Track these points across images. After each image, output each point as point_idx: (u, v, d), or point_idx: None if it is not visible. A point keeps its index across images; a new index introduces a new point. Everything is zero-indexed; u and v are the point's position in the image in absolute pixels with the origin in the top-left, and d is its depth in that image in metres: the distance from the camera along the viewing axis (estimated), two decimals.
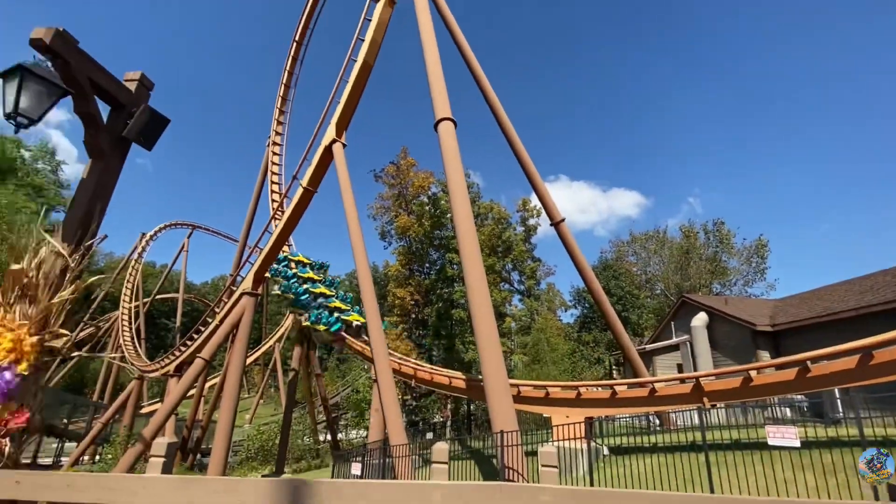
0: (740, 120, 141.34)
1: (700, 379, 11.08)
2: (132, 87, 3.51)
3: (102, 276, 45.38)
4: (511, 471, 8.40)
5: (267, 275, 27.18)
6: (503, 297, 35.58)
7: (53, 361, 2.98)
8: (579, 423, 10.44)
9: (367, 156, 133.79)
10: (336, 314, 23.79)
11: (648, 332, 35.01)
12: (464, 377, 17.90)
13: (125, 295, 47.97)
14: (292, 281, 26.20)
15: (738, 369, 11.07)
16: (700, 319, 21.24)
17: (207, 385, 33.97)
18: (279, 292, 27.88)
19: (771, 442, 7.19)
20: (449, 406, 32.69)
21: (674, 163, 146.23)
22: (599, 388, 13.64)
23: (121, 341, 43.81)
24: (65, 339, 2.96)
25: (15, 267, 2.68)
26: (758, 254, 43.22)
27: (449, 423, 30.55)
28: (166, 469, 2.39)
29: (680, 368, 22.03)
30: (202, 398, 32.13)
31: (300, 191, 19.99)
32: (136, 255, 51.76)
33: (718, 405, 11.62)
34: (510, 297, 38.28)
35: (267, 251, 20.97)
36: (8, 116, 2.81)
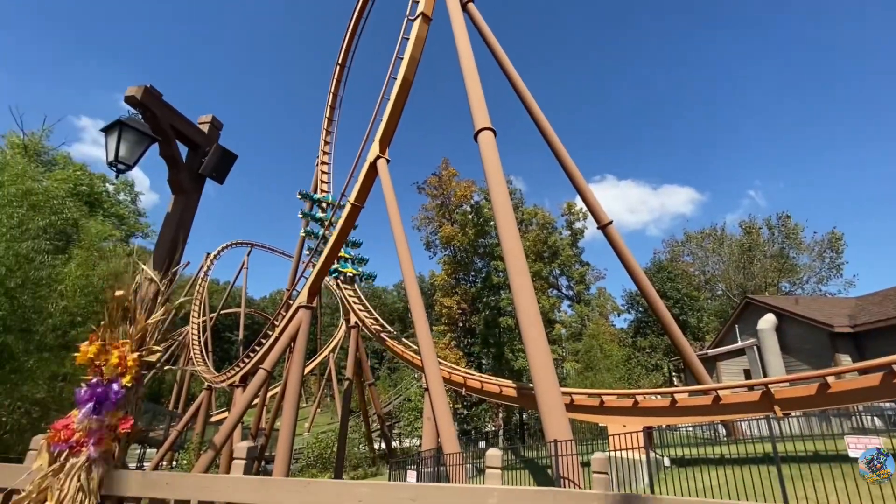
0: (807, 98, 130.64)
1: (769, 385, 10.39)
2: (205, 128, 3.97)
3: (189, 298, 49.21)
4: (566, 480, 8.28)
5: (299, 215, 28.46)
6: (551, 304, 34.92)
7: (149, 374, 3.39)
8: (637, 432, 10.09)
9: (409, 168, 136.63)
10: (335, 265, 25.12)
11: (710, 337, 33.04)
12: (515, 386, 17.76)
13: (194, 311, 51.76)
14: (317, 224, 27.71)
15: (814, 375, 10.29)
16: (767, 321, 19.84)
17: (269, 395, 35.72)
18: (302, 234, 28.95)
19: (852, 454, 6.64)
20: (501, 415, 32.40)
21: (730, 154, 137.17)
22: (658, 396, 13.10)
23: (191, 354, 47.21)
24: (158, 354, 3.37)
25: (119, 293, 3.10)
26: (832, 248, 39.68)
27: (501, 432, 30.27)
28: (247, 470, 2.67)
29: (747, 374, 20.61)
30: (264, 407, 33.81)
31: (348, 206, 20.83)
32: (202, 274, 55.66)
33: (793, 414, 10.82)
34: (559, 304, 37.51)
35: (319, 266, 21.94)
36: (110, 164, 3.32)
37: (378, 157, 19.70)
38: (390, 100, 19.65)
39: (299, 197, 29.60)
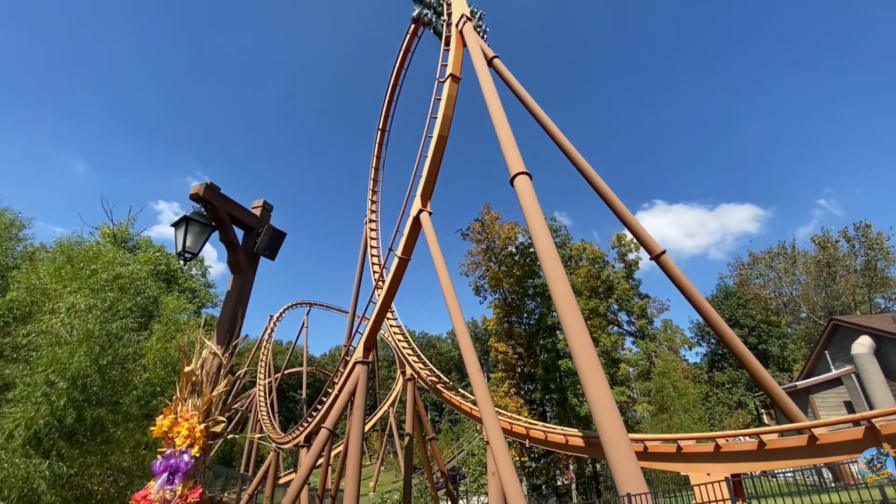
0: (877, 94, 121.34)
1: (873, 420, 9.14)
2: (257, 212, 4.48)
3: (250, 368, 51.93)
4: None
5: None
6: (613, 341, 33.14)
7: (216, 443, 3.65)
8: (721, 481, 9.12)
9: (453, 215, 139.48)
10: None
11: (798, 366, 29.72)
12: (581, 434, 16.73)
13: (260, 373, 54.02)
14: None
15: None
16: (863, 345, 17.65)
17: (333, 454, 35.73)
18: None
19: None
20: (572, 466, 30.28)
21: (792, 163, 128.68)
22: (743, 439, 11.83)
23: (259, 416, 48.66)
24: (223, 424, 3.64)
25: (187, 369, 3.45)
26: None
27: (574, 485, 28.12)
28: None
29: (849, 407, 18.16)
30: (329, 467, 33.75)
31: (396, 260, 21.50)
32: (266, 336, 58.39)
33: None
34: (622, 341, 35.52)
35: (373, 320, 22.47)
36: (179, 254, 3.83)
37: (420, 211, 20.44)
38: (428, 157, 20.62)
39: None
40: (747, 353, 14.82)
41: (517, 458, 30.02)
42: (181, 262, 3.76)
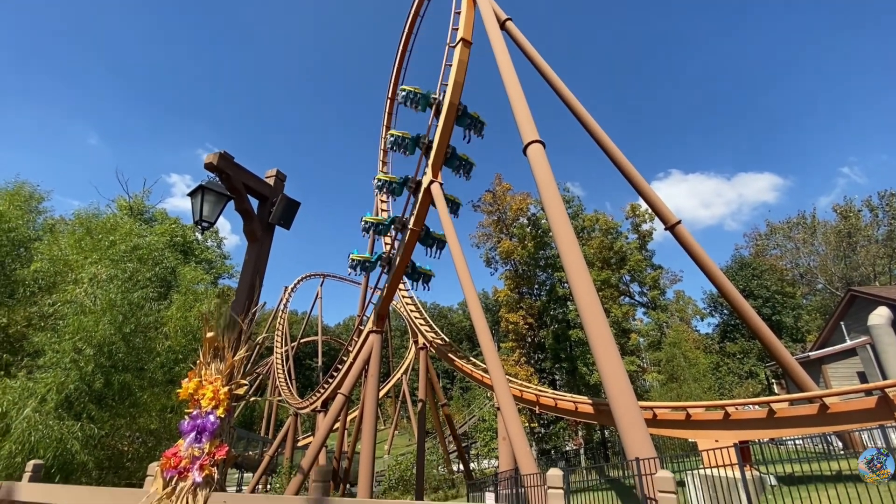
0: None
1: (886, 389, 9.12)
2: (271, 181, 4.49)
3: (269, 335, 53.54)
4: (652, 502, 7.78)
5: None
6: (624, 312, 33.17)
7: (238, 405, 3.79)
8: (729, 447, 9.27)
9: (464, 186, 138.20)
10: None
11: (812, 337, 29.52)
12: (591, 402, 17.03)
13: (277, 342, 55.57)
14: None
15: None
16: (880, 316, 17.41)
17: (349, 418, 37.04)
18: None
19: None
20: (580, 433, 31.01)
21: (817, 131, 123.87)
22: (754, 407, 11.93)
23: (277, 383, 50.48)
24: (245, 387, 3.77)
25: (210, 334, 3.55)
26: None
27: (582, 450, 28.88)
28: (324, 491, 2.91)
29: (862, 378, 18.11)
30: (346, 431, 35.11)
31: (407, 233, 21.56)
32: (282, 306, 59.68)
33: None
34: (633, 312, 35.53)
35: (386, 291, 22.76)
36: (196, 223, 3.88)
37: (432, 182, 20.30)
38: (439, 126, 20.31)
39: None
40: (760, 324, 14.75)
41: (527, 425, 30.79)
42: (198, 231, 3.83)
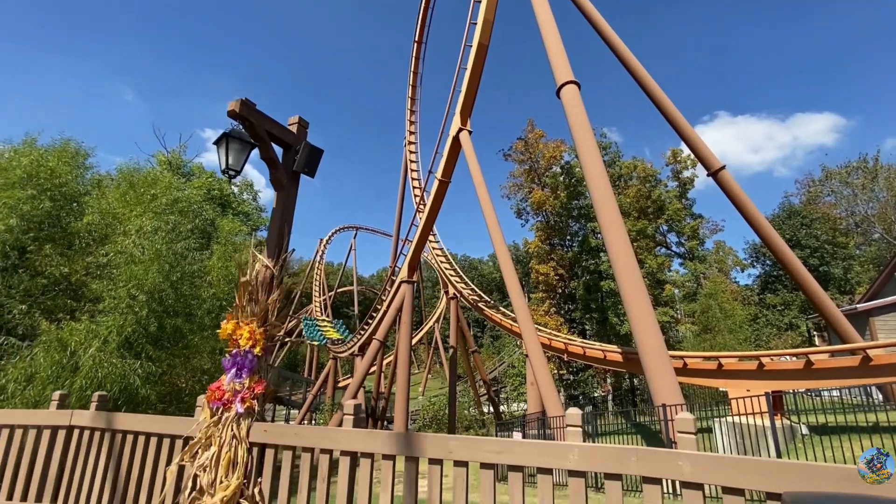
0: None
1: None
2: (294, 129, 4.46)
3: (296, 280, 56.38)
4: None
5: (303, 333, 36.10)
6: (659, 263, 32.31)
7: (275, 346, 4.01)
8: (760, 396, 9.19)
9: (493, 137, 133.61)
10: (321, 333, 37.08)
11: (862, 290, 28.01)
12: (620, 350, 17.12)
13: (314, 291, 58.36)
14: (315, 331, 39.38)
15: None
16: None
17: (385, 362, 39.04)
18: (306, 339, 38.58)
19: None
20: (609, 380, 31.52)
21: (888, 66, 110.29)
22: (791, 358, 11.67)
23: None
24: (278, 327, 3.97)
25: (244, 279, 3.71)
26: None
27: (610, 397, 29.50)
28: (357, 424, 3.11)
29: None
30: (382, 374, 37.12)
31: (436, 183, 21.38)
32: (318, 258, 61.86)
33: None
34: (669, 263, 34.55)
35: (415, 243, 23.03)
36: (223, 171, 3.96)
37: (460, 130, 19.77)
38: (468, 68, 19.43)
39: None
40: (805, 275, 14.08)
41: (556, 372, 31.49)
42: (227, 178, 3.92)
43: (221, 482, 3.16)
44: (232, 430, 3.32)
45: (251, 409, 3.52)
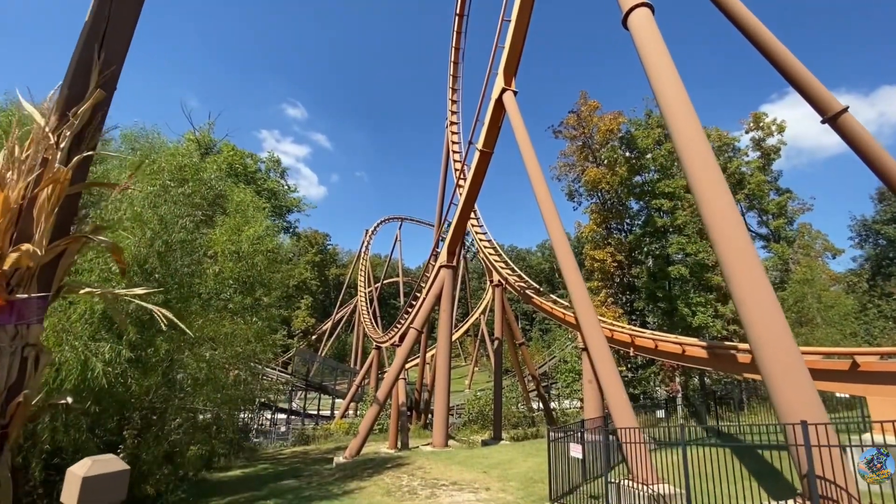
0: None
1: None
2: None
3: (344, 269, 55.96)
4: (829, 484, 5.24)
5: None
6: None
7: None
8: None
9: (541, 116, 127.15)
10: None
11: None
12: (703, 344, 14.10)
13: (360, 282, 58.05)
14: None
15: None
16: None
17: (429, 354, 37.45)
18: None
19: None
20: (678, 378, 27.85)
21: None
22: None
23: (361, 319, 53.07)
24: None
25: None
26: None
27: (680, 398, 25.93)
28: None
29: None
30: (426, 365, 35.56)
31: (477, 154, 19.15)
32: (364, 249, 61.56)
33: None
34: None
35: (455, 222, 20.95)
36: None
37: (504, 91, 17.37)
38: (511, 20, 16.96)
39: None
40: None
41: None
42: None
43: None
44: None
45: None
